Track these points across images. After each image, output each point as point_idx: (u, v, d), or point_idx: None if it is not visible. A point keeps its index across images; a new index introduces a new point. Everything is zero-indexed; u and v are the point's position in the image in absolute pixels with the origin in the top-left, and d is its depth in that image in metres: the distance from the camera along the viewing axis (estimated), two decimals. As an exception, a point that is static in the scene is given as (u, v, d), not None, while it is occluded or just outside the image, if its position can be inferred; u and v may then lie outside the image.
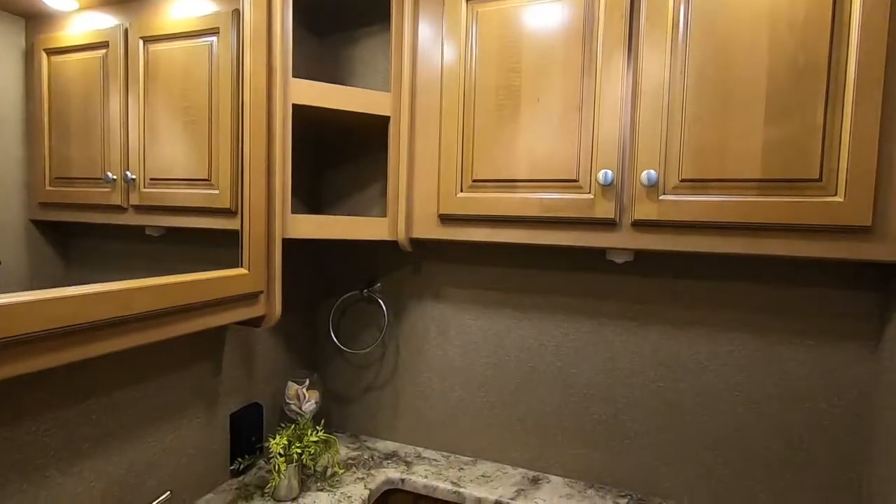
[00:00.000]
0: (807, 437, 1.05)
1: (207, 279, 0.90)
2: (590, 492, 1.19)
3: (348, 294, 1.43)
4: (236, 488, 1.15)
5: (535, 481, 1.23)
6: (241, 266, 0.99)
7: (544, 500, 1.14)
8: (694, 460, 1.14)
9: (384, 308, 1.40)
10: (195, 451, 1.09)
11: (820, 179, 0.86)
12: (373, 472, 1.25)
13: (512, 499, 1.14)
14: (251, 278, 1.00)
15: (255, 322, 1.09)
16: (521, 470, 1.29)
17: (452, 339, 1.35)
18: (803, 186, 0.87)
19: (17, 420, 0.77)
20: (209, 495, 1.12)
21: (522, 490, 1.18)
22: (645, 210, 0.97)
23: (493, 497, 1.15)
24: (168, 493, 0.95)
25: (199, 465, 1.10)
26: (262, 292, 1.04)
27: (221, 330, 1.16)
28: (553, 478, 1.25)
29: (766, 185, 0.89)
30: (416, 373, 1.39)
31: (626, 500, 1.15)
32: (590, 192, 1.01)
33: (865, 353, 1.01)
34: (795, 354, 1.06)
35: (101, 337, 0.73)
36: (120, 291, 0.74)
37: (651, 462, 1.17)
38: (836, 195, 0.86)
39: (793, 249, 0.90)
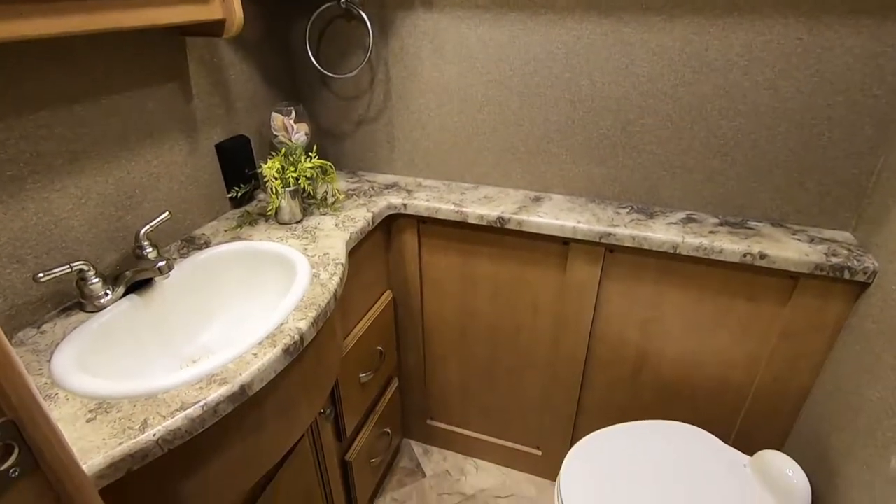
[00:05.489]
0: (827, 133, 1.00)
1: (135, -50, 0.71)
2: (591, 205, 1.20)
3: (324, 7, 1.21)
4: (239, 216, 1.15)
5: (536, 199, 1.23)
6: (177, -57, 0.79)
7: (546, 213, 1.15)
8: (701, 167, 1.11)
9: (368, 23, 1.20)
10: (186, 179, 1.05)
11: None
12: (374, 198, 1.25)
13: (514, 213, 1.15)
14: (194, -39, 0.80)
15: (214, 30, 0.93)
16: (522, 191, 1.28)
17: (448, 55, 1.19)
18: None
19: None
20: (213, 223, 1.13)
21: (524, 207, 1.19)
22: None
23: (495, 214, 1.16)
24: (167, 213, 0.93)
25: (194, 193, 1.08)
26: (213, -16, 0.85)
27: (180, 45, 1.00)
28: (555, 196, 1.25)
29: None
30: (411, 99, 1.28)
31: (626, 210, 1.17)
32: None
33: (927, 30, 0.88)
34: (844, 39, 0.92)
35: (19, 13, 0.59)
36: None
37: (656, 173, 1.15)
38: None
39: None
